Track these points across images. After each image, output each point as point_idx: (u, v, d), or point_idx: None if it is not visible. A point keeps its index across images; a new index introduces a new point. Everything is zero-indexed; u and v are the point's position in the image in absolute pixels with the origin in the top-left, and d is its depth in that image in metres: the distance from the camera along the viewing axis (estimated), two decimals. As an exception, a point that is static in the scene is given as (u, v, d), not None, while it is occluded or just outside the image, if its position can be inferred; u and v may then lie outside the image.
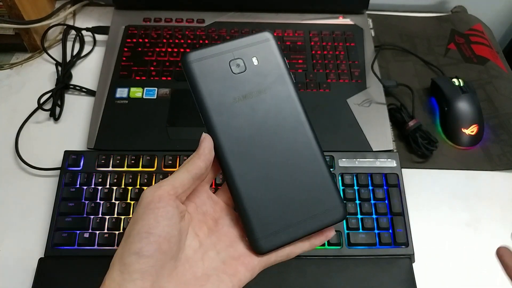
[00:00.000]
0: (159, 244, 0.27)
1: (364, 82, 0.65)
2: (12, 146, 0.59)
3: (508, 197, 0.58)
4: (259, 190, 0.31)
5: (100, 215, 0.52)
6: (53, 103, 0.62)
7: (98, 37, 0.71)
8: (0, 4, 0.63)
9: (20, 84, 0.66)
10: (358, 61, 0.67)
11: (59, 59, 0.68)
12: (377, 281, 0.49)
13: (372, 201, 0.54)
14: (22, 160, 0.58)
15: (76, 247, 0.50)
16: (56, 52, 0.69)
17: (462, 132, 0.61)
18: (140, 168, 0.55)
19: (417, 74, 0.69)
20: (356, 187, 0.54)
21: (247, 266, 0.30)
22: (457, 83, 0.64)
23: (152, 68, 0.65)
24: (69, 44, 0.70)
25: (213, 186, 0.54)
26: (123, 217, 0.52)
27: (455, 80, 0.64)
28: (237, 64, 0.32)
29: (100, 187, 0.53)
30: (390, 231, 0.52)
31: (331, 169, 0.55)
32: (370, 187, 0.54)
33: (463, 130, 0.61)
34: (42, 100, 0.63)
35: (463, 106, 0.61)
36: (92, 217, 0.51)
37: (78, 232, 0.51)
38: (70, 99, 0.65)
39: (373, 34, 0.73)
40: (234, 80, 0.32)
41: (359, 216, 0.53)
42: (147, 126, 0.60)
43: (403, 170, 0.57)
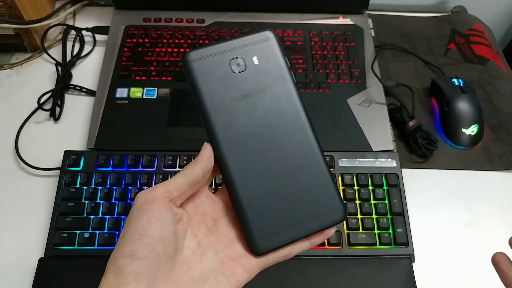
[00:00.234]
0: (153, 245, 0.27)
1: (364, 82, 0.65)
2: (12, 146, 0.60)
3: (508, 197, 0.58)
4: (257, 190, 0.31)
5: (100, 215, 0.52)
6: (53, 103, 0.62)
7: (98, 37, 0.71)
8: (0, 4, 0.63)
9: (20, 84, 0.66)
10: (358, 61, 0.67)
11: (59, 59, 0.68)
12: (377, 281, 0.49)
13: (372, 201, 0.54)
14: (22, 160, 0.58)
15: (76, 247, 0.50)
16: (56, 52, 0.69)
17: (462, 132, 0.61)
18: (140, 168, 0.55)
19: (417, 74, 0.69)
20: (356, 187, 0.54)
21: (245, 267, 0.30)
22: (457, 83, 0.64)
23: (152, 68, 0.65)
24: (69, 44, 0.70)
25: (213, 186, 0.54)
26: (123, 217, 0.52)
27: (455, 80, 0.64)
28: (238, 63, 0.32)
29: (100, 187, 0.53)
30: (390, 231, 0.52)
31: (331, 169, 0.55)
32: (370, 187, 0.54)
33: (463, 130, 0.61)
34: (42, 100, 0.63)
35: (463, 106, 0.61)
36: (92, 217, 0.51)
37: (78, 232, 0.51)
38: (70, 99, 0.65)
39: (373, 34, 0.73)
40: (234, 80, 0.32)
41: (359, 216, 0.53)
42: (147, 126, 0.60)
43: (403, 170, 0.57)
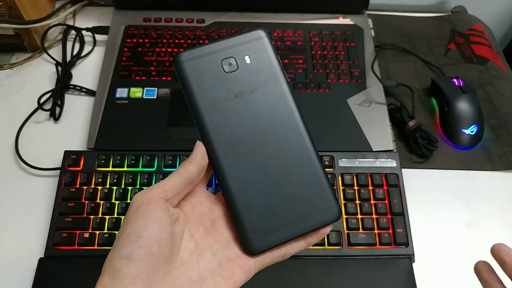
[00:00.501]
0: (150, 247, 0.27)
1: (364, 82, 0.65)
2: (12, 146, 0.59)
3: (508, 197, 0.58)
4: (251, 190, 0.31)
5: (100, 215, 0.52)
6: (53, 103, 0.62)
7: (98, 37, 0.71)
8: (0, 4, 0.63)
9: (20, 84, 0.66)
10: (358, 61, 0.67)
11: (59, 59, 0.68)
12: (377, 281, 0.49)
13: (372, 201, 0.54)
14: (22, 160, 0.58)
15: (76, 247, 0.50)
16: (56, 52, 0.69)
17: (462, 132, 0.61)
18: (140, 168, 0.55)
19: (417, 74, 0.69)
20: (356, 187, 0.54)
21: (242, 267, 0.29)
22: (457, 83, 0.64)
23: (152, 68, 0.65)
24: (69, 44, 0.70)
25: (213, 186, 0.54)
26: (123, 217, 0.51)
27: (455, 80, 0.64)
28: (229, 63, 0.32)
29: (100, 187, 0.53)
30: (390, 231, 0.52)
31: (331, 169, 0.55)
32: (370, 187, 0.54)
33: (463, 130, 0.61)
34: (42, 100, 0.63)
35: (463, 106, 0.61)
36: (92, 217, 0.51)
37: (78, 232, 0.51)
38: (70, 99, 0.65)
39: (373, 34, 0.73)
40: (226, 79, 0.32)
41: (359, 216, 0.53)
42: (147, 126, 0.60)
43: (403, 170, 0.57)
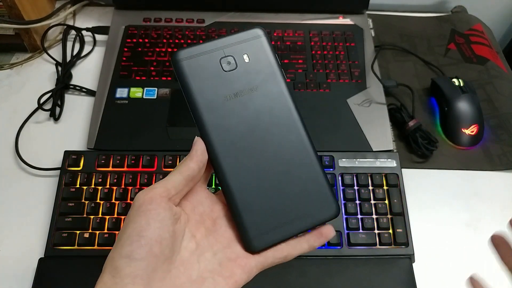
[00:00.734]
0: (151, 247, 0.27)
1: (364, 82, 0.65)
2: (12, 146, 0.59)
3: (508, 197, 0.58)
4: (251, 188, 0.31)
5: (100, 215, 0.52)
6: (53, 103, 0.62)
7: (98, 37, 0.71)
8: (0, 4, 0.63)
9: (20, 84, 0.66)
10: (358, 61, 0.67)
11: (59, 59, 0.68)
12: (377, 281, 0.49)
13: (372, 201, 0.54)
14: (22, 160, 0.58)
15: (76, 247, 0.50)
16: (56, 52, 0.69)
17: (462, 132, 0.61)
18: (140, 168, 0.55)
19: (417, 74, 0.69)
20: (356, 187, 0.54)
21: (244, 267, 0.29)
22: (457, 83, 0.64)
23: (152, 68, 0.65)
24: (69, 44, 0.70)
25: (213, 186, 0.54)
26: (123, 217, 0.52)
27: (455, 80, 0.64)
28: (228, 62, 0.32)
29: (100, 187, 0.53)
30: (390, 231, 0.52)
31: (331, 169, 0.55)
32: (370, 187, 0.54)
33: (463, 130, 0.61)
34: (42, 100, 0.63)
35: (463, 106, 0.61)
36: (92, 217, 0.51)
37: (78, 232, 0.51)
38: (70, 99, 0.65)
39: (373, 34, 0.73)
40: (225, 78, 0.32)
41: (359, 216, 0.53)
42: (147, 126, 0.60)
43: (403, 170, 0.57)
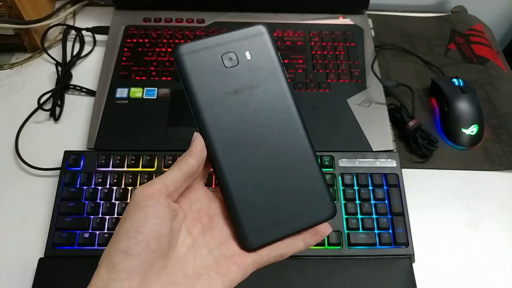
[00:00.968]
0: (148, 242, 0.27)
1: (364, 82, 0.65)
2: (12, 146, 0.59)
3: (508, 197, 0.58)
4: (248, 187, 0.31)
5: (100, 215, 0.52)
6: (53, 103, 0.62)
7: (98, 37, 0.71)
8: (0, 4, 0.63)
9: (20, 84, 0.66)
10: (358, 61, 0.67)
11: (59, 59, 0.68)
12: (377, 281, 0.49)
13: (372, 201, 0.54)
14: (22, 160, 0.58)
15: (76, 247, 0.50)
16: (56, 52, 0.69)
17: (462, 132, 0.61)
18: (140, 168, 0.55)
19: (417, 74, 0.69)
20: (356, 187, 0.54)
21: (239, 265, 0.29)
22: (457, 83, 0.64)
23: (152, 68, 0.65)
24: (69, 44, 0.70)
25: (213, 186, 0.54)
26: (123, 217, 0.52)
27: (455, 80, 0.64)
28: (230, 58, 0.32)
29: (100, 187, 0.53)
30: (390, 231, 0.52)
31: (331, 169, 0.55)
32: (370, 187, 0.54)
33: (463, 130, 0.61)
34: (42, 100, 0.63)
35: (463, 106, 0.61)
36: (92, 217, 0.51)
37: (78, 232, 0.51)
38: (70, 99, 0.65)
39: (373, 34, 0.73)
40: (226, 74, 0.31)
41: (359, 216, 0.53)
42: (147, 126, 0.60)
43: (403, 170, 0.57)
